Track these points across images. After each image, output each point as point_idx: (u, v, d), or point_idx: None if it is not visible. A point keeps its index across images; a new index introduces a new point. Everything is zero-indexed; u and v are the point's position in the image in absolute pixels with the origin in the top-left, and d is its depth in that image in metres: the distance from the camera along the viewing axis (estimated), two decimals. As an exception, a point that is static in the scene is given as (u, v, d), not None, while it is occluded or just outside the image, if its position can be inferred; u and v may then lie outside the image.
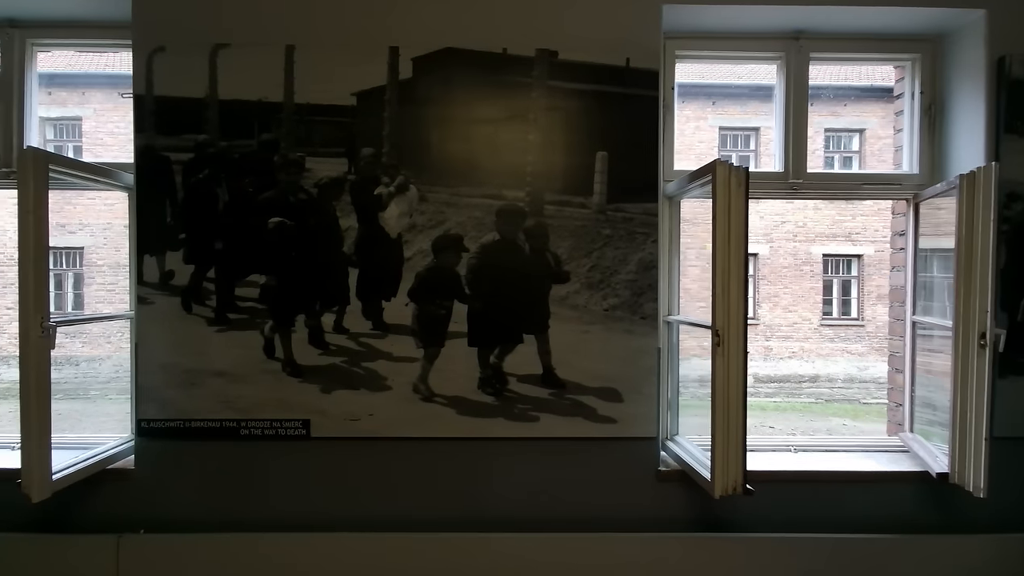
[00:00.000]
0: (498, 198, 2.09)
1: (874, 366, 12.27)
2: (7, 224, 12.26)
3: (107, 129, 12.34)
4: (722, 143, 12.70)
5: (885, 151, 12.54)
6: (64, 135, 12.58)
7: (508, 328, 2.11)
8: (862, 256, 12.57)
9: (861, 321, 12.54)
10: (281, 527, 2.08)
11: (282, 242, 2.07)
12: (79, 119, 12.33)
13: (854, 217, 12.49)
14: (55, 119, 12.43)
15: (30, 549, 2.02)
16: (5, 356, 12.49)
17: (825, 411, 10.58)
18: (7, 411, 10.26)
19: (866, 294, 12.57)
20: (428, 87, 2.08)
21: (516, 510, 2.12)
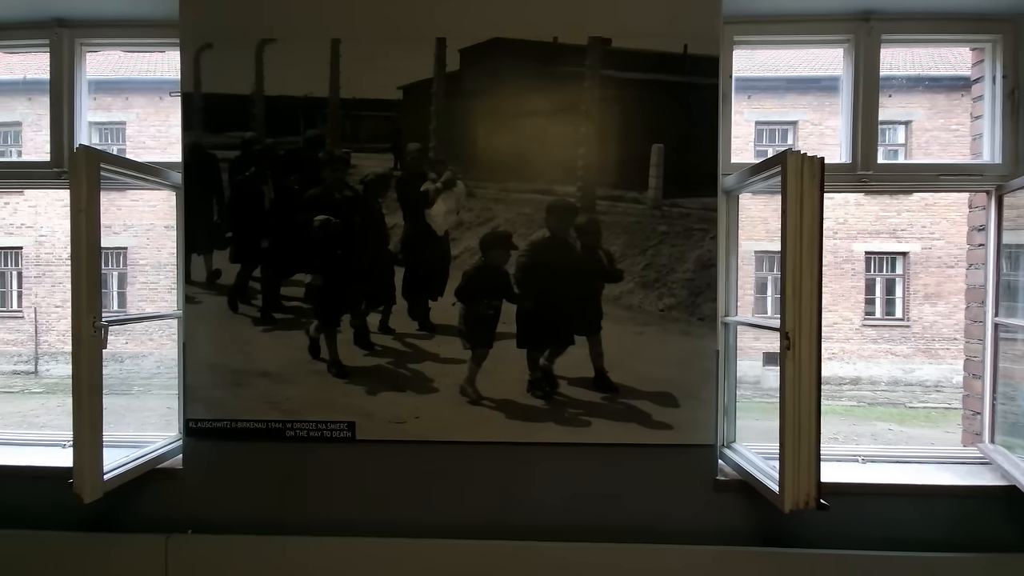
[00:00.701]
0: (548, 194, 2.01)
1: (921, 368, 11.75)
2: (55, 225, 12.80)
3: (149, 132, 12.71)
4: (758, 138, 12.33)
5: (932, 143, 12.00)
6: (108, 139, 13.01)
7: (559, 329, 2.02)
8: (907, 253, 12.04)
9: (906, 321, 12.02)
10: (326, 531, 2.04)
11: (327, 240, 2.03)
12: (123, 123, 12.74)
13: (899, 213, 11.98)
14: (100, 123, 12.87)
15: (80, 548, 2.03)
16: (54, 352, 13.03)
17: (868, 415, 10.18)
18: (56, 405, 10.69)
19: (912, 293, 12.04)
20: (476, 79, 2.01)
21: (566, 518, 2.04)
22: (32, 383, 11.78)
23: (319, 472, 2.07)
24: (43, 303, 13.08)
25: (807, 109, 12.14)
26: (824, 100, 11.96)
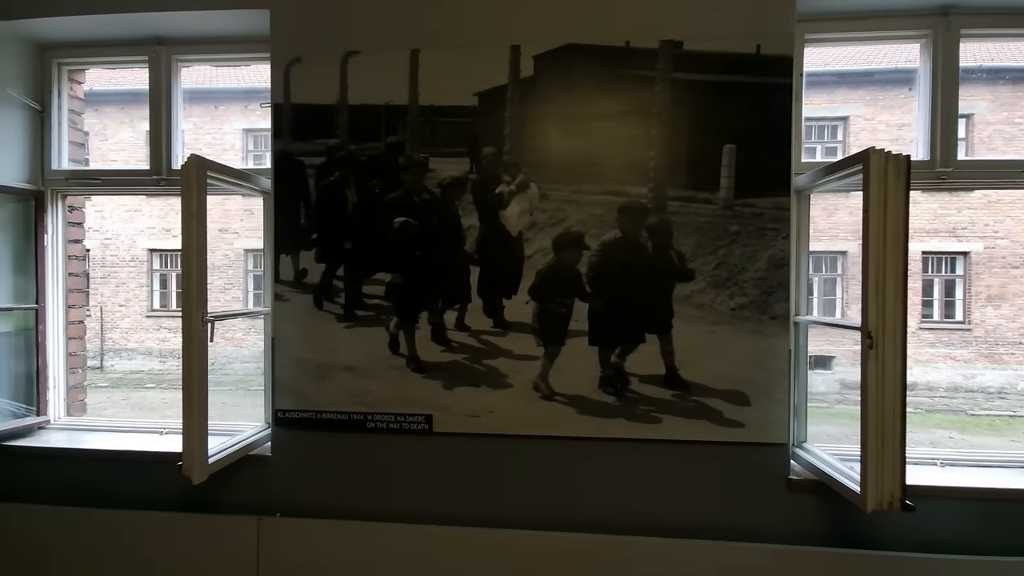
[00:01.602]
0: (620, 195, 2.05)
1: (983, 374, 11.17)
2: (119, 228, 13.56)
3: (205, 140, 13.32)
4: (806, 134, 11.96)
5: (995, 137, 11.41)
6: (167, 146, 13.69)
7: (630, 327, 2.06)
8: (968, 253, 11.47)
9: (967, 324, 11.45)
10: (403, 518, 2.14)
11: (407, 241, 2.13)
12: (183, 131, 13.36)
13: (959, 211, 11.43)
14: (160, 132, 13.56)
15: (181, 527, 2.18)
16: (117, 349, 13.80)
17: (926, 422, 9.74)
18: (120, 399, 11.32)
19: (974, 295, 11.47)
20: (549, 84, 2.07)
21: (636, 513, 2.07)
22: (98, 378, 12.50)
23: (398, 462, 2.17)
24: (108, 302, 13.85)
25: (859, 104, 11.73)
26: (877, 94, 11.56)
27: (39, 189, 2.48)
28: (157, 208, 13.59)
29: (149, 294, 13.81)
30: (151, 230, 13.61)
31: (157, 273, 13.88)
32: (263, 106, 2.34)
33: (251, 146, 13.80)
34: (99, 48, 2.50)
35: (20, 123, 2.45)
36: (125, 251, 13.50)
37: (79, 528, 2.22)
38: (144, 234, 13.57)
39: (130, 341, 13.74)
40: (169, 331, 13.85)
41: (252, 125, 13.73)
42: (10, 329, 2.51)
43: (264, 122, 12.11)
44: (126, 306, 13.65)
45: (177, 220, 9.82)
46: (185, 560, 2.17)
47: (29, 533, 2.24)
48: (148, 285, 13.75)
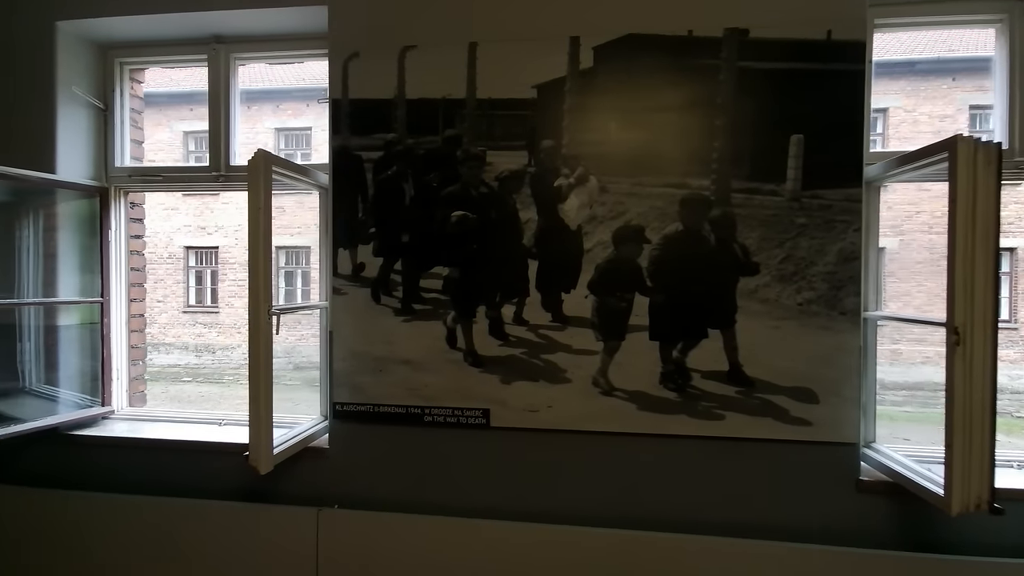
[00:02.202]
0: (681, 187, 2.01)
1: (1031, 375, 10.74)
2: (157, 227, 13.93)
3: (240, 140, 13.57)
4: (843, 128, 11.61)
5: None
6: (202, 146, 14.04)
7: (692, 322, 2.02)
8: (1015, 249, 11.03)
9: (1014, 323, 11.02)
10: (460, 512, 2.14)
11: (464, 235, 2.13)
12: (215, 131, 13.67)
13: (1005, 205, 10.94)
14: (196, 132, 13.92)
15: (242, 517, 2.22)
16: (156, 343, 14.19)
17: (970, 424, 9.38)
18: (160, 392, 11.64)
19: (1020, 293, 11.02)
20: (609, 75, 2.04)
21: (697, 511, 2.03)
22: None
23: (455, 456, 2.17)
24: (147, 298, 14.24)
25: (899, 95, 11.36)
26: (919, 85, 11.18)
27: (103, 186, 2.55)
28: (193, 207, 13.95)
29: (185, 290, 14.18)
30: (187, 228, 13.97)
31: (193, 270, 14.24)
32: (320, 102, 2.36)
33: (282, 144, 14.06)
34: (159, 48, 2.56)
35: (85, 122, 2.52)
36: (163, 248, 13.87)
37: (142, 516, 2.28)
38: (181, 232, 13.93)
39: (167, 336, 14.13)
40: (204, 326, 14.21)
41: (283, 124, 13.98)
42: (76, 322, 2.60)
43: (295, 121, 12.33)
44: (163, 302, 14.04)
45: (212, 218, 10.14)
46: (246, 549, 2.21)
47: (94, 520, 2.31)
48: (184, 282, 14.12)
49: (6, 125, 2.41)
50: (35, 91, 2.39)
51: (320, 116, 13.85)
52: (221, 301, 14.20)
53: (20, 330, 2.59)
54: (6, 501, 2.37)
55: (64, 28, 2.40)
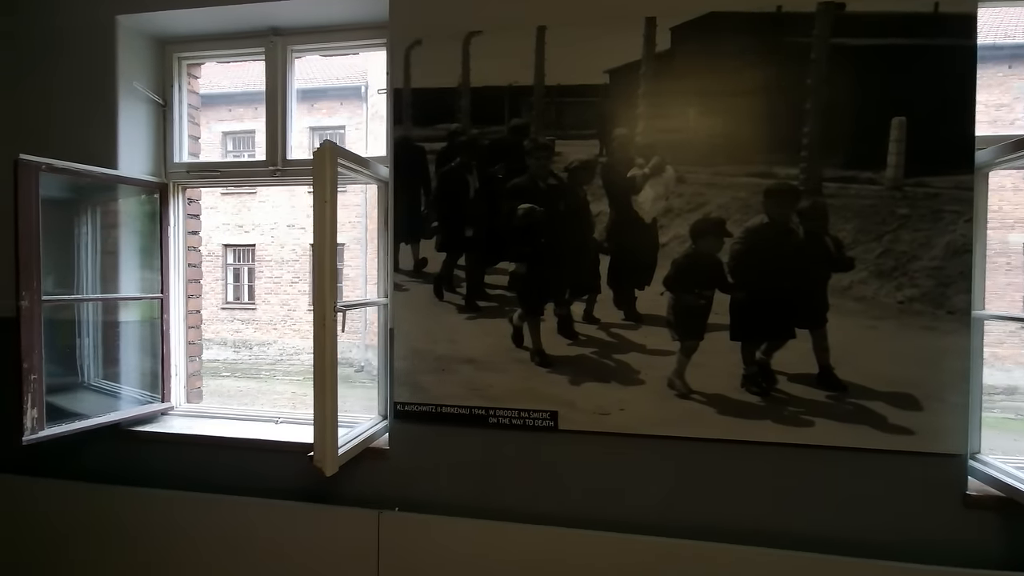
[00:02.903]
0: (767, 176, 1.87)
1: (1097, 379, 10.09)
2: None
3: (274, 138, 13.80)
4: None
5: None
6: (240, 147, 14.33)
7: (778, 321, 1.89)
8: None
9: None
10: (526, 518, 2.05)
11: (531, 229, 2.03)
12: (252, 131, 13.96)
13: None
14: (233, 132, 14.21)
15: (303, 517, 2.18)
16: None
17: (1027, 428, 8.90)
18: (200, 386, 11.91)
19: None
20: (688, 58, 1.91)
21: (783, 524, 1.90)
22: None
23: (520, 460, 2.08)
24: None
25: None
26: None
27: (163, 182, 2.54)
28: (231, 205, 14.25)
29: (224, 287, 14.51)
30: (225, 226, 14.28)
31: (231, 267, 14.55)
32: (380, 92, 2.29)
33: (316, 143, 14.22)
34: (216, 42, 2.53)
35: (145, 117, 2.51)
36: (202, 246, 14.21)
37: (203, 513, 2.26)
38: (219, 230, 14.25)
39: (207, 332, 14.48)
40: (242, 322, 14.51)
41: (317, 123, 14.15)
42: (137, 318, 2.60)
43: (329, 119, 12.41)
44: (203, 298, 14.40)
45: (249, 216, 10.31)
46: (306, 550, 2.17)
47: (154, 516, 2.31)
48: (223, 279, 14.45)
49: (69, 121, 2.42)
50: (97, 87, 2.39)
51: (353, 114, 13.97)
52: (257, 298, 14.48)
53: (79, 326, 2.61)
54: (68, 496, 2.38)
55: (124, 22, 2.40)
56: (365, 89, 13.11)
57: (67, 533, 2.37)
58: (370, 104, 13.13)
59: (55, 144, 2.36)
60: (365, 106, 13.35)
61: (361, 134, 13.49)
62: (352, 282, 14.05)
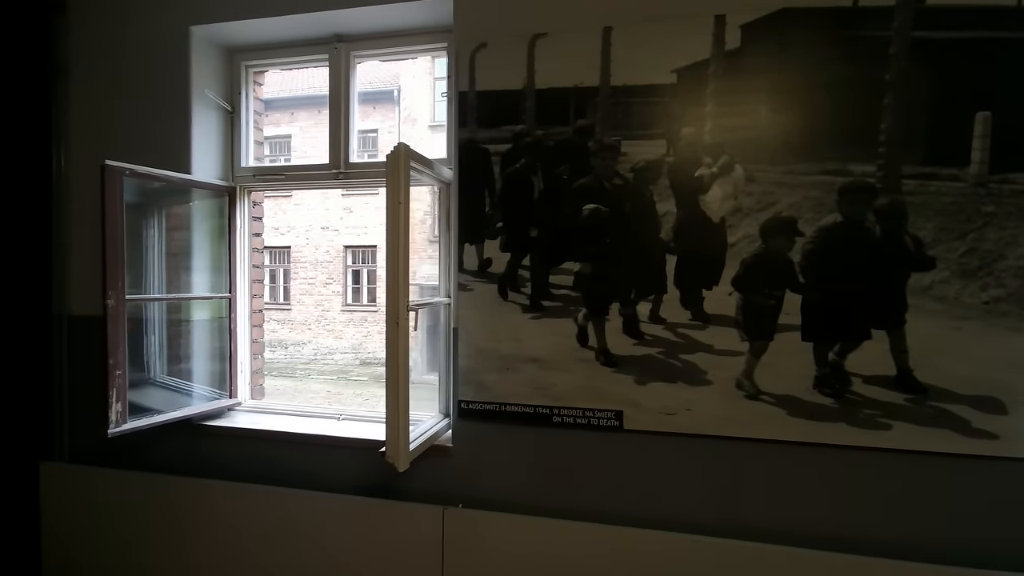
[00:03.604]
0: (841, 174, 1.84)
1: None
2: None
3: (310, 143, 14.13)
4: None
5: None
6: (276, 151, 14.69)
7: (852, 321, 1.85)
8: None
9: None
10: (589, 517, 2.06)
11: (597, 229, 2.04)
12: (289, 136, 14.31)
13: None
14: (270, 138, 14.57)
15: (367, 512, 2.23)
16: (234, 338, 14.92)
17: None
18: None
19: None
20: (759, 55, 1.89)
21: (860, 530, 1.86)
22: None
23: (584, 458, 2.09)
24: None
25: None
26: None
27: (231, 185, 2.63)
28: (267, 208, 14.58)
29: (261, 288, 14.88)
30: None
31: (267, 268, 14.91)
32: (443, 95, 2.33)
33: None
34: (281, 49, 2.61)
35: (215, 124, 2.61)
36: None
37: (272, 506, 2.33)
38: (257, 232, 14.62)
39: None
40: (277, 323, 14.85)
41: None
42: (201, 317, 2.70)
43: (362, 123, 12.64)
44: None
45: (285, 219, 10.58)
46: (372, 543, 2.22)
47: (224, 507, 2.39)
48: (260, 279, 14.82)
49: (144, 127, 2.52)
50: (172, 94, 2.49)
51: (386, 118, 14.17)
52: (293, 299, 14.81)
53: (145, 324, 2.72)
54: (145, 487, 2.48)
55: (197, 33, 2.49)
56: (398, 93, 13.30)
57: (144, 522, 2.48)
58: (402, 107, 13.32)
59: (133, 149, 2.47)
60: (397, 109, 13.54)
61: (393, 137, 13.67)
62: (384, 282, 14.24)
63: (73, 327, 2.66)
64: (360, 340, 14.52)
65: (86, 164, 2.59)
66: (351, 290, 14.70)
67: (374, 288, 14.49)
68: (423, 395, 2.37)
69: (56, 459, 2.66)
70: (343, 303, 14.66)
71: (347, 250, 14.59)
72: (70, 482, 2.58)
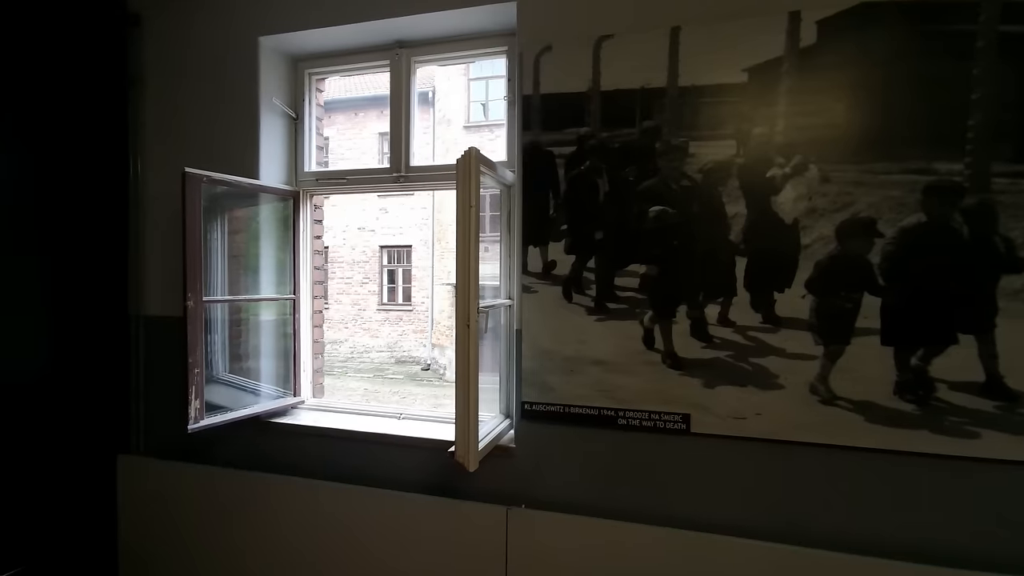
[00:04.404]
0: (925, 173, 1.78)
1: None
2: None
3: (346, 145, 14.41)
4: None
5: None
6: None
7: (937, 325, 1.79)
8: None
9: None
10: (652, 520, 2.04)
11: (663, 231, 2.02)
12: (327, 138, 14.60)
13: None
14: (308, 140, 14.91)
15: (431, 510, 2.26)
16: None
17: None
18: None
19: None
20: (836, 51, 1.85)
21: (946, 541, 1.80)
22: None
23: (650, 461, 2.07)
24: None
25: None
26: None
27: (295, 189, 2.71)
28: (306, 209, 14.95)
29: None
30: (301, 230, 15.01)
31: (306, 269, 15.29)
32: (505, 99, 2.35)
33: (385, 148, 14.72)
34: (343, 56, 2.67)
35: (279, 130, 2.69)
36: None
37: (340, 501, 2.39)
38: (296, 233, 14.99)
39: (284, 330, 15.29)
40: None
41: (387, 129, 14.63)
42: (270, 317, 2.79)
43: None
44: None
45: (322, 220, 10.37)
46: (437, 540, 2.25)
47: (291, 502, 2.46)
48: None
49: (214, 135, 2.62)
50: (241, 103, 2.58)
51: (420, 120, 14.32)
52: (330, 298, 15.14)
53: (211, 324, 2.82)
54: (211, 480, 2.58)
55: (265, 43, 2.58)
56: (432, 94, 13.43)
57: (213, 513, 2.58)
58: (437, 109, 13.44)
59: (204, 156, 2.57)
60: (432, 111, 13.67)
61: (429, 138, 13.81)
62: (419, 282, 14.43)
63: (149, 327, 2.78)
64: (395, 339, 14.73)
65: (159, 171, 2.71)
66: (386, 289, 14.93)
67: (409, 288, 14.68)
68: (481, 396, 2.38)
69: (132, 452, 2.79)
70: (379, 302, 14.90)
71: (383, 250, 14.83)
72: (145, 474, 2.71)
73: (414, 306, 14.55)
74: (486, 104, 13.51)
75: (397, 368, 14.18)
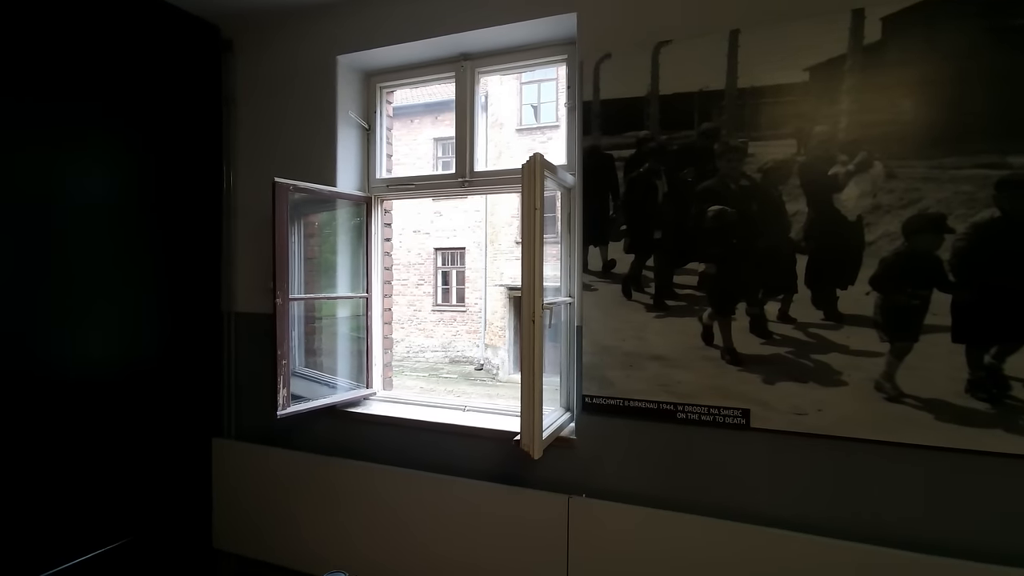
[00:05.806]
0: (999, 168, 1.75)
1: None
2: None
3: (403, 151, 14.89)
4: None
5: None
6: (372, 159, 15.61)
7: (1012, 323, 1.75)
8: None
9: None
10: (709, 512, 2.09)
11: (722, 230, 2.07)
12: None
13: None
14: (367, 147, 15.53)
15: (497, 496, 2.39)
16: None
17: None
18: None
19: None
20: (902, 48, 1.84)
21: (1016, 543, 1.75)
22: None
23: (709, 455, 2.12)
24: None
25: None
26: None
27: (368, 195, 2.92)
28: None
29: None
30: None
31: (365, 270, 15.92)
32: (566, 106, 2.46)
33: (440, 153, 15.13)
34: (411, 70, 2.86)
35: (353, 140, 2.91)
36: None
37: (412, 486, 2.56)
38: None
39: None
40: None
41: (440, 134, 15.03)
42: (345, 314, 3.01)
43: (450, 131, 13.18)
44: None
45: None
46: (503, 525, 2.38)
47: (366, 485, 2.65)
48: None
49: (296, 146, 2.87)
50: (320, 116, 2.81)
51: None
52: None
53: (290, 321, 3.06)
54: (295, 463, 2.81)
55: (342, 61, 2.80)
56: (485, 98, 13.70)
57: (297, 493, 2.81)
58: (489, 113, 13.69)
59: (287, 166, 2.82)
60: (484, 115, 13.95)
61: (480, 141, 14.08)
62: (472, 283, 14.73)
63: (238, 322, 3.07)
64: (449, 339, 15.09)
65: (248, 180, 2.98)
66: (440, 291, 15.32)
67: (462, 289, 15.00)
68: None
69: (225, 436, 3.08)
70: (433, 303, 15.31)
71: (437, 252, 15.23)
72: (236, 456, 2.98)
73: (467, 307, 14.85)
74: (537, 107, 13.64)
75: (451, 367, 14.52)
